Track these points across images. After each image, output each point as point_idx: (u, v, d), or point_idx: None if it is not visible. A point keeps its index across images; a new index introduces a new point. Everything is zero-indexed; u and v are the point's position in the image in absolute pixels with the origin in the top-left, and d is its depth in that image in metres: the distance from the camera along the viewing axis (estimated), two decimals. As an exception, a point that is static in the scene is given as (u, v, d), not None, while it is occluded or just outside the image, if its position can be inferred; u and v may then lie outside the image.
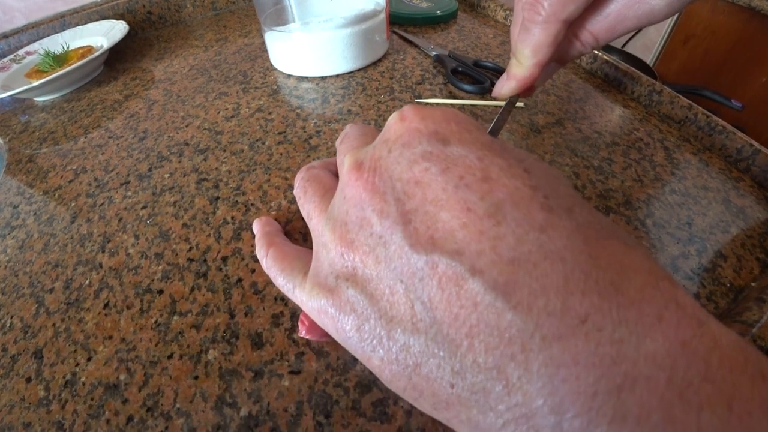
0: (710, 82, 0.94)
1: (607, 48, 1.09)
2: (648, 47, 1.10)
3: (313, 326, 0.20)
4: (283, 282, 0.18)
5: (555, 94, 0.36)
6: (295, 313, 0.22)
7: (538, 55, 0.19)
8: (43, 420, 0.20)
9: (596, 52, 0.39)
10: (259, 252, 0.21)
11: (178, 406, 0.20)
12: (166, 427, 0.19)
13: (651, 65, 1.07)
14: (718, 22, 0.89)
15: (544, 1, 0.17)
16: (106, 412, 0.20)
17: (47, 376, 0.22)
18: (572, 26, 0.19)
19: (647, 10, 0.17)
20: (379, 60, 0.41)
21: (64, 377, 0.22)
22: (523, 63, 0.19)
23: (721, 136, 0.30)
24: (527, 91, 0.22)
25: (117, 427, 0.19)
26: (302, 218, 0.26)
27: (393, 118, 0.14)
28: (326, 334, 0.20)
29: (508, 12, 0.48)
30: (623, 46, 1.13)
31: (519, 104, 0.34)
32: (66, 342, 0.23)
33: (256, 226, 0.23)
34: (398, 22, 0.48)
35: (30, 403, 0.21)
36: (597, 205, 0.26)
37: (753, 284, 0.22)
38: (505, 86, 0.21)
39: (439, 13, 0.47)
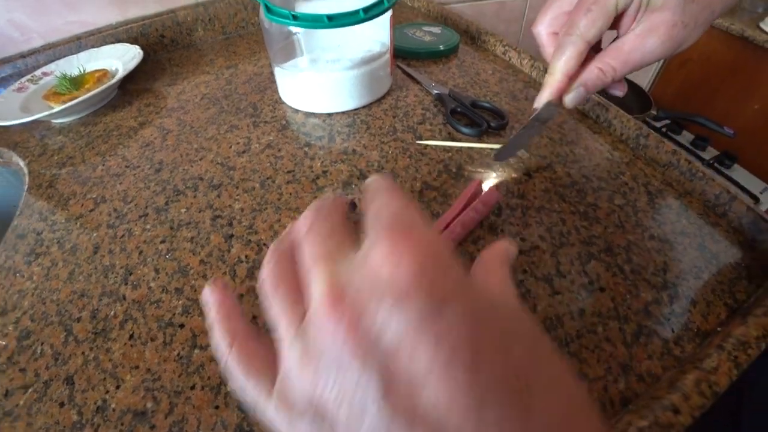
0: (705, 106, 0.96)
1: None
2: (645, 70, 1.12)
3: None
4: (248, 389, 0.15)
5: (548, 136, 0.38)
6: (305, 349, 0.24)
7: (568, 65, 0.26)
8: (77, 443, 0.23)
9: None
10: (220, 343, 0.16)
11: (200, 433, 0.22)
12: (190, 454, 0.21)
13: (648, 88, 1.10)
14: (713, 48, 0.92)
15: (576, 25, 0.25)
16: (136, 438, 0.22)
17: (79, 401, 0.24)
18: (596, 59, 0.26)
19: (648, 49, 0.25)
20: (383, 97, 0.43)
21: (95, 403, 0.24)
22: (554, 73, 0.26)
23: (701, 182, 0.33)
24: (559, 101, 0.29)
25: (145, 453, 0.22)
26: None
27: (380, 251, 0.13)
28: None
29: (506, 47, 0.50)
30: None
31: (522, 153, 0.36)
32: (96, 370, 0.26)
33: (210, 297, 0.17)
34: (402, 55, 0.50)
35: (64, 427, 0.24)
36: (580, 252, 0.28)
37: (719, 329, 0.25)
38: (541, 96, 0.28)
39: (441, 47, 0.49)
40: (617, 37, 0.26)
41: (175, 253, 0.31)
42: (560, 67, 0.26)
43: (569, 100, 0.28)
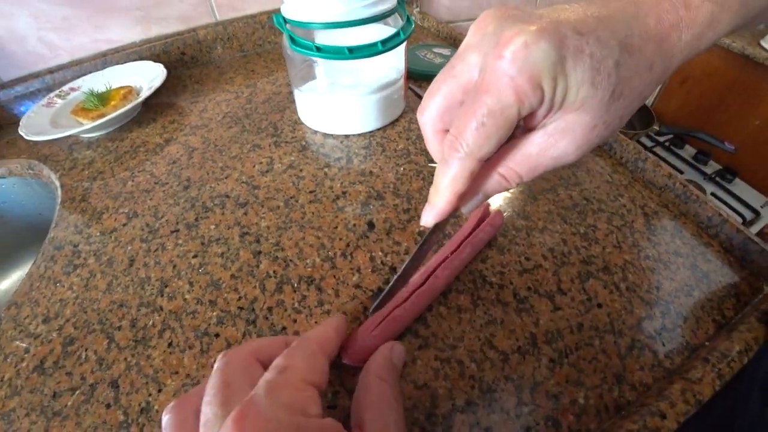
0: (706, 122, 0.99)
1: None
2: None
3: (352, 355, 0.26)
4: None
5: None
6: (330, 358, 0.27)
7: (455, 186, 0.20)
8: (125, 441, 0.25)
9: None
10: None
11: (236, 435, 0.24)
12: (228, 453, 0.24)
13: (650, 103, 1.13)
14: (714, 65, 0.95)
15: (464, 141, 0.19)
16: (178, 438, 0.25)
17: (124, 403, 0.27)
18: (496, 166, 0.21)
19: (560, 154, 0.20)
20: (397, 119, 0.46)
21: (139, 405, 0.27)
22: (440, 193, 0.21)
23: (695, 204, 0.35)
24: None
25: (187, 451, 0.24)
26: (335, 276, 0.31)
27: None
28: (363, 360, 0.25)
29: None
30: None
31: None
32: (138, 375, 0.28)
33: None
34: (414, 77, 0.53)
35: (112, 426, 0.26)
36: (579, 270, 0.31)
37: (707, 343, 0.27)
38: (427, 215, 0.23)
39: (449, 69, 0.51)
40: (522, 131, 0.21)
41: (207, 268, 0.33)
42: (446, 186, 0.21)
43: (466, 209, 0.24)
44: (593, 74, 0.18)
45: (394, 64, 0.43)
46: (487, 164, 0.21)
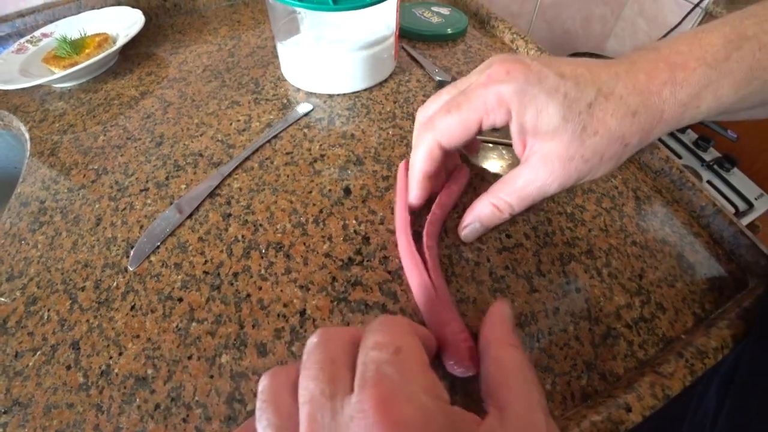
0: None
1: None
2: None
3: (473, 359, 0.21)
4: None
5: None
6: (294, 328, 0.26)
7: (422, 164, 0.26)
8: (84, 402, 0.25)
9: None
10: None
11: (196, 398, 0.24)
12: (188, 415, 0.23)
13: None
14: None
15: (434, 120, 0.25)
16: (137, 400, 0.24)
17: (85, 365, 0.26)
18: (489, 195, 0.26)
19: (542, 183, 0.24)
20: (386, 80, 0.43)
21: (99, 367, 0.26)
22: (413, 173, 0.27)
23: (690, 192, 0.34)
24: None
25: (146, 413, 0.24)
26: (305, 243, 0.30)
27: (361, 425, 0.13)
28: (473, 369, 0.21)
29: (515, 35, 0.49)
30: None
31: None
32: (99, 337, 0.27)
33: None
34: (407, 36, 0.49)
35: (71, 387, 0.26)
36: (562, 252, 0.30)
37: (683, 336, 0.26)
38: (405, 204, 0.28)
39: (449, 31, 0.47)
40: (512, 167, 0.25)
41: (174, 230, 0.32)
42: (417, 162, 0.26)
43: (465, 236, 0.28)
44: (565, 110, 0.20)
45: (384, 19, 0.40)
46: (482, 195, 0.26)
